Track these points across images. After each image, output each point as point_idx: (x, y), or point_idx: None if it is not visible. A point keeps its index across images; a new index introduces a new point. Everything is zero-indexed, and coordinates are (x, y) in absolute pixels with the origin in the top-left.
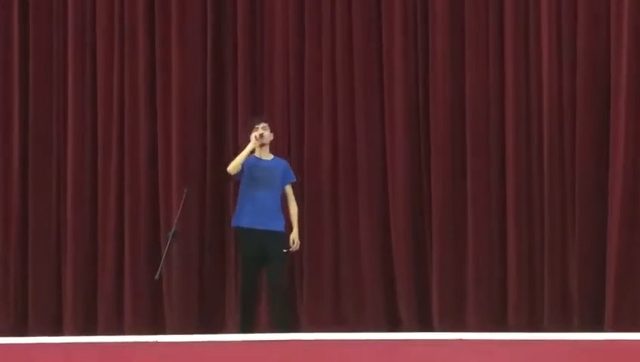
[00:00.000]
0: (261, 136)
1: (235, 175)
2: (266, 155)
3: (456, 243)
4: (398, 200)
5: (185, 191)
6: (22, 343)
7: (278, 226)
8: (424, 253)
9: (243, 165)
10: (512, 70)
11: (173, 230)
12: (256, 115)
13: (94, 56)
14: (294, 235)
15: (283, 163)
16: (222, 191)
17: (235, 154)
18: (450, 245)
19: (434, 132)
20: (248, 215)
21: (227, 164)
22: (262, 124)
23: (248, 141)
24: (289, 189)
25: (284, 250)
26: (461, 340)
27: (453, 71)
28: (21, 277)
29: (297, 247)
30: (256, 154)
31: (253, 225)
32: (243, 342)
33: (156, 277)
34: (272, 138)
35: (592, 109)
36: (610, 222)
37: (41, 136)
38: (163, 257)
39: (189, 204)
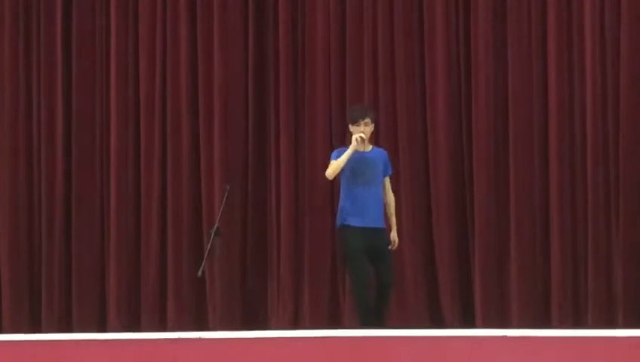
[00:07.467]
0: (362, 139)
1: None
2: (367, 147)
3: (499, 239)
4: (440, 197)
5: (227, 188)
6: (66, 339)
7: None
8: (467, 250)
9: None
10: (554, 64)
11: (215, 227)
12: (356, 104)
13: (137, 56)
14: (393, 235)
15: (383, 154)
16: (263, 189)
17: (277, 151)
18: (493, 241)
19: (475, 126)
20: (354, 213)
21: (269, 161)
22: (365, 120)
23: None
24: (387, 181)
25: (389, 246)
26: (504, 337)
27: (495, 64)
28: (65, 274)
29: (396, 246)
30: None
31: (360, 223)
32: (286, 338)
33: (199, 274)
34: (372, 129)
35: (635, 104)
36: None
37: (84, 137)
38: (205, 254)
39: (231, 202)
